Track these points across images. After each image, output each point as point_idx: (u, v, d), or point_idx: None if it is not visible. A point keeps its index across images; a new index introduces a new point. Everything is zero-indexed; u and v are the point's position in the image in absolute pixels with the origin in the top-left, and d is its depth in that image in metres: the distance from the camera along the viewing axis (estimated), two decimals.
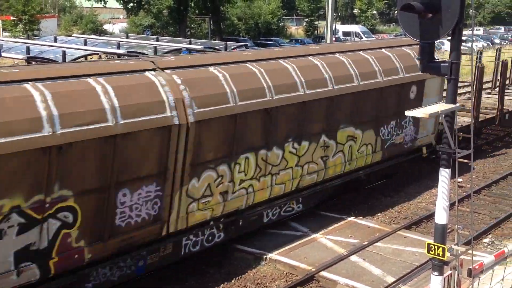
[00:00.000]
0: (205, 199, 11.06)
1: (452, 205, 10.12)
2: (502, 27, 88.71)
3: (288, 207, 13.52)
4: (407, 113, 7.75)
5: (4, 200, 8.13)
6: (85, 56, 36.17)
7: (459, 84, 8.11)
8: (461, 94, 28.47)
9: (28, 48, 33.37)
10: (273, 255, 11.98)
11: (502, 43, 63.98)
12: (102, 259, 9.74)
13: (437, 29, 7.47)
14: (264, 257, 12.00)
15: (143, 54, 34.16)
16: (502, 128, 23.59)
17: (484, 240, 13.43)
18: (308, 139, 12.97)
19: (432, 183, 17.44)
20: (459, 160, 7.78)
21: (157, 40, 45.20)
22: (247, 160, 11.69)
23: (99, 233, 9.46)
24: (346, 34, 66.98)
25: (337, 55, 14.29)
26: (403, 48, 16.37)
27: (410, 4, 7.34)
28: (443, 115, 7.59)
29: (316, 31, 77.61)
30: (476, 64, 21.36)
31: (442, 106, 7.67)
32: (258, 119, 11.66)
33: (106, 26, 72.56)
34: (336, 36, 54.33)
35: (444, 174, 7.86)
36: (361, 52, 14.97)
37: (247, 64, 12.07)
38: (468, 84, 29.95)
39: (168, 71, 10.57)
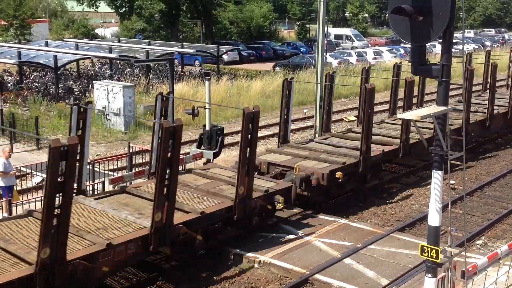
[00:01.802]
0: None
1: (445, 207, 10.17)
2: (493, 30, 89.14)
3: None
4: (399, 115, 7.77)
5: None
6: (77, 60, 36.19)
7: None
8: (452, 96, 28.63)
9: (19, 53, 33.30)
10: (266, 258, 11.96)
11: (493, 45, 64.36)
12: None
13: (428, 31, 7.50)
14: (258, 260, 11.97)
15: (135, 58, 34.20)
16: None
17: (477, 242, 13.46)
18: None
19: (425, 185, 17.50)
20: (452, 162, 7.81)
21: (149, 44, 45.33)
22: None
23: None
24: (338, 37, 67.22)
25: None
26: None
27: (401, 7, 7.37)
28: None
29: (308, 35, 77.71)
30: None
31: (434, 109, 7.69)
32: None
33: (97, 30, 72.38)
34: (328, 39, 54.44)
35: (436, 176, 7.88)
36: None
37: None
38: (459, 86, 30.13)
39: None
